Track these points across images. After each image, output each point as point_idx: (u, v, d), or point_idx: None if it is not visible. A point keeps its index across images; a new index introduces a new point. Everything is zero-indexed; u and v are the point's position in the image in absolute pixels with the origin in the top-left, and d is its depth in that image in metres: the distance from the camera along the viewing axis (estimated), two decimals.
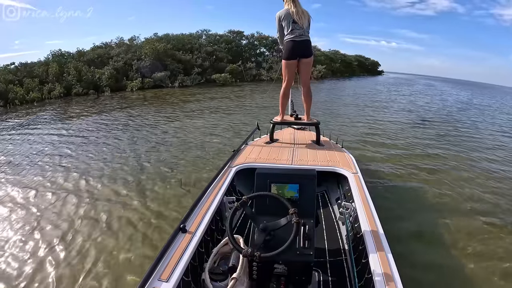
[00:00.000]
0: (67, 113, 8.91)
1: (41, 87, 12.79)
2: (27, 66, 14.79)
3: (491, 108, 12.80)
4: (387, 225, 1.52)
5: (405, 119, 7.78)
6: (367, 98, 12.32)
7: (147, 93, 13.04)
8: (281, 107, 2.83)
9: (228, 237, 1.22)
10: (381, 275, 1.14)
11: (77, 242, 2.31)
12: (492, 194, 3.29)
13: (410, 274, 1.76)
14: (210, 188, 1.82)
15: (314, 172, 1.48)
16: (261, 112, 7.94)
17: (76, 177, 3.57)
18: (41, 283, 1.90)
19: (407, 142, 5.44)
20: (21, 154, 4.67)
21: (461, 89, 26.29)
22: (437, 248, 2.28)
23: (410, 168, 3.96)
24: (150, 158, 4.21)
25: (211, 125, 6.36)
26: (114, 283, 1.89)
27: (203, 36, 22.07)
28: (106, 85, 13.84)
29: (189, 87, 14.94)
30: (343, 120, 7.20)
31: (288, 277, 1.29)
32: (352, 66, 31.45)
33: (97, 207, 2.83)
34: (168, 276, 1.11)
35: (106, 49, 17.79)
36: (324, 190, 2.52)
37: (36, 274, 1.97)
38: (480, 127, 7.62)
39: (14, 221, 2.65)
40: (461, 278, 1.99)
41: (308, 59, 2.62)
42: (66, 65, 14.49)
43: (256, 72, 19.70)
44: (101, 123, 6.75)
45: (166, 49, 16.72)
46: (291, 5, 2.51)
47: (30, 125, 7.13)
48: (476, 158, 4.69)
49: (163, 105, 9.61)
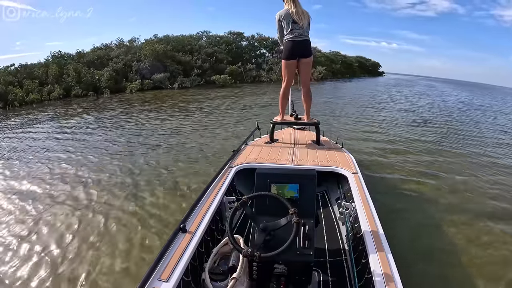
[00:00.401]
0: (65, 114, 8.88)
1: (40, 89, 12.78)
2: (27, 68, 14.77)
3: (492, 108, 12.80)
4: (387, 225, 1.52)
5: (405, 120, 7.79)
6: (367, 99, 12.32)
7: (147, 94, 13.03)
8: (281, 107, 2.84)
9: (228, 237, 1.22)
10: (381, 275, 1.14)
11: (74, 244, 2.30)
12: (493, 194, 3.28)
13: (410, 274, 1.75)
14: (210, 188, 1.81)
15: (314, 172, 1.48)
16: (260, 112, 7.95)
17: (74, 178, 3.56)
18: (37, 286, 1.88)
19: (408, 141, 5.44)
20: (19, 155, 4.66)
21: (462, 90, 26.28)
22: (438, 248, 2.27)
23: (410, 168, 3.96)
24: (148, 159, 4.19)
25: (210, 125, 6.36)
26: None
27: (203, 38, 22.08)
28: (105, 87, 13.80)
29: (189, 89, 14.93)
30: (344, 121, 7.19)
31: (288, 277, 1.29)
32: (353, 67, 31.44)
33: (94, 208, 2.82)
34: (168, 276, 1.11)
35: (106, 51, 17.76)
36: (324, 190, 2.52)
37: (32, 277, 1.95)
38: (481, 127, 7.61)
39: (10, 223, 2.64)
40: (461, 278, 1.98)
41: (307, 59, 2.62)
42: (66, 66, 14.47)
43: (256, 73, 19.70)
44: (100, 125, 6.74)
45: (166, 51, 16.71)
46: (291, 5, 2.51)
47: (28, 126, 7.14)
48: (478, 158, 4.68)
49: (162, 106, 9.60)
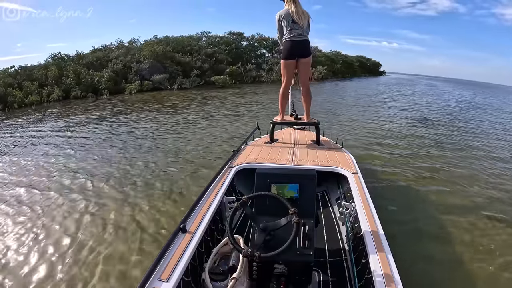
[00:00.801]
0: (61, 116, 8.80)
1: (40, 90, 12.73)
2: (27, 69, 14.74)
3: (493, 107, 12.75)
4: (387, 225, 1.52)
5: (406, 119, 7.76)
6: (368, 99, 12.28)
7: (146, 95, 12.93)
8: (281, 107, 2.84)
9: (228, 237, 1.22)
10: (381, 275, 1.14)
11: (70, 243, 2.32)
12: (495, 194, 3.28)
13: (410, 274, 1.75)
14: (210, 188, 1.82)
15: (314, 172, 1.48)
16: (260, 112, 7.93)
17: (72, 180, 3.56)
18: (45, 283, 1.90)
19: (408, 141, 5.43)
20: (17, 157, 4.67)
21: (463, 88, 26.07)
22: (438, 248, 2.27)
23: (411, 168, 3.95)
24: (146, 161, 4.16)
25: (208, 126, 6.35)
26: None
27: (203, 38, 21.99)
28: (104, 88, 13.72)
29: (188, 89, 14.87)
30: (345, 120, 7.19)
31: (288, 277, 1.29)
32: (354, 66, 31.14)
33: (90, 211, 2.82)
34: (168, 276, 1.11)
35: (105, 52, 17.67)
36: (324, 190, 2.52)
37: (31, 278, 1.97)
38: (482, 126, 7.59)
39: (17, 222, 2.68)
40: (462, 278, 1.98)
41: (306, 59, 2.63)
42: (65, 68, 14.39)
43: (256, 73, 19.64)
44: (98, 127, 6.68)
45: (165, 51, 16.65)
46: (291, 5, 2.52)
47: (27, 128, 7.14)
48: (480, 157, 4.67)
49: (161, 107, 9.55)
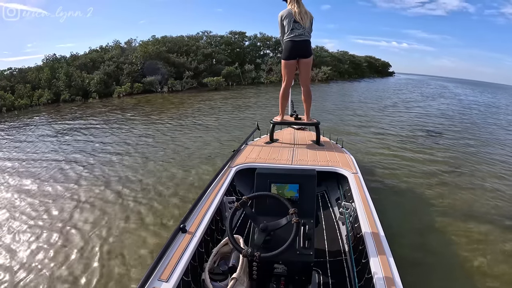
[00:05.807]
0: (21, 124, 8.13)
1: (32, 93, 12.52)
2: (22, 72, 14.55)
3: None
4: (387, 225, 1.52)
5: (410, 122, 7.47)
6: (375, 102, 11.11)
7: (132, 99, 12.04)
8: (281, 107, 2.84)
9: (228, 237, 1.22)
10: (381, 275, 1.14)
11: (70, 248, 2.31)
12: (495, 194, 3.27)
13: (410, 274, 1.75)
14: (210, 188, 1.82)
15: (314, 172, 1.48)
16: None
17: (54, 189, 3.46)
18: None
19: (409, 141, 5.42)
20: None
21: (480, 91, 22.87)
22: (438, 248, 2.27)
23: (411, 168, 3.95)
24: (122, 167, 4.00)
25: (191, 132, 6.06)
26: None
27: (203, 38, 21.27)
28: (94, 91, 13.20)
29: (179, 92, 13.93)
30: (347, 120, 7.16)
31: (288, 277, 1.29)
32: (362, 67, 29.07)
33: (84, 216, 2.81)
34: (168, 276, 1.11)
35: (101, 53, 17.06)
36: (324, 190, 2.52)
37: (31, 279, 1.98)
38: (483, 125, 7.56)
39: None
40: (462, 278, 1.98)
41: (307, 59, 2.62)
42: (58, 70, 13.99)
43: (255, 74, 18.84)
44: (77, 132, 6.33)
45: (159, 52, 15.95)
46: (294, 5, 2.52)
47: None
48: (483, 157, 4.66)
49: (129, 117, 8.18)
